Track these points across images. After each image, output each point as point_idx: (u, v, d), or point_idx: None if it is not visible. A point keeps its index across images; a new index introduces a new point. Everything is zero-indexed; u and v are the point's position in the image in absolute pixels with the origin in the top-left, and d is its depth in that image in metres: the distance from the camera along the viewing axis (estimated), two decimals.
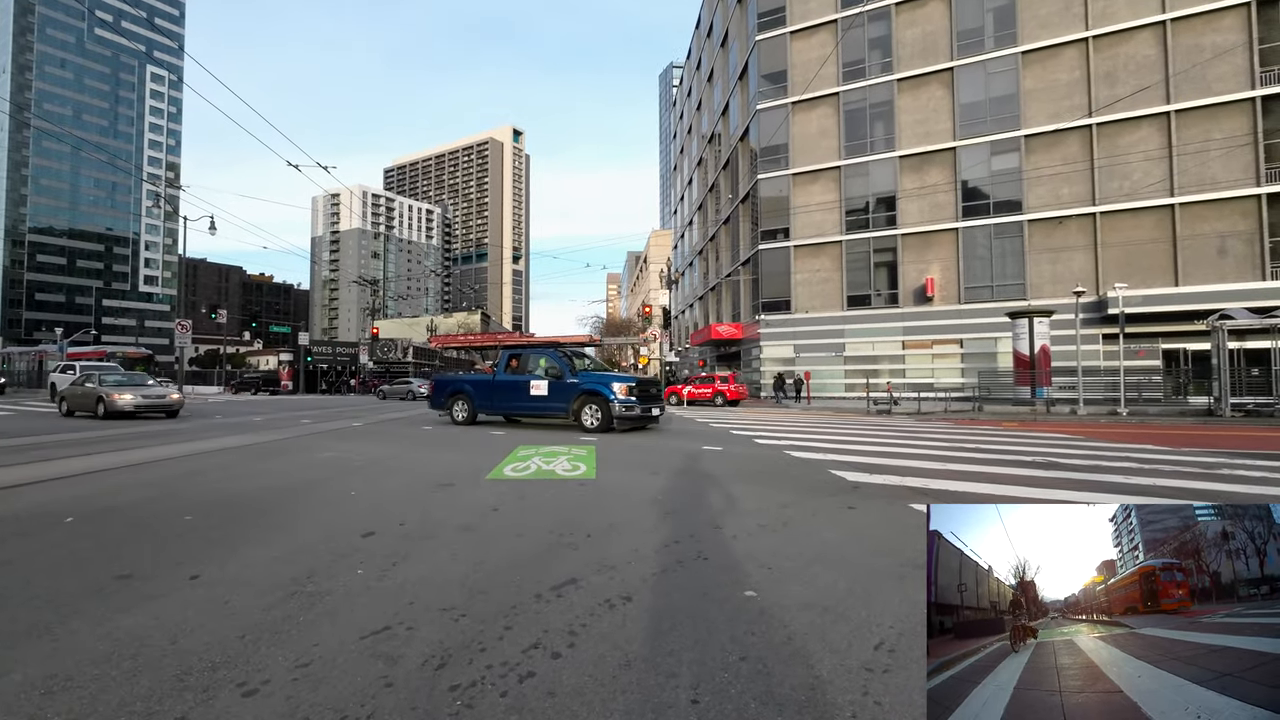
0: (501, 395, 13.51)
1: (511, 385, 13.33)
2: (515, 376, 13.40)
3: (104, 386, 15.82)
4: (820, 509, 5.11)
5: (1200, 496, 5.97)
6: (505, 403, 13.52)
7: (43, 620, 2.70)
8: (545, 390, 12.80)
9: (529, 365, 13.44)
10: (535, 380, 12.93)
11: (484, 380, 14.12)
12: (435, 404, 14.86)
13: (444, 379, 15.25)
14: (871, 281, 30.26)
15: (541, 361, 13.34)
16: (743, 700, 2.04)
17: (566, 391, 12.57)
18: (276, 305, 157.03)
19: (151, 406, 15.69)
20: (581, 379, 12.55)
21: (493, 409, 13.77)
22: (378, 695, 2.06)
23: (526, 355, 13.67)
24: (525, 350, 13.91)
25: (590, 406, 12.18)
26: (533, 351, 13.78)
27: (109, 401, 15.09)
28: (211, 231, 30.55)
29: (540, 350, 13.84)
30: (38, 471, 6.85)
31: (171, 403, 16.12)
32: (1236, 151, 23.63)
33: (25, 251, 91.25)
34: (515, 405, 13.38)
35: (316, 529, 4.35)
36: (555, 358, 13.17)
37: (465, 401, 13.98)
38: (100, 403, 15.31)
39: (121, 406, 15.14)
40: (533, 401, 12.99)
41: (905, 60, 29.54)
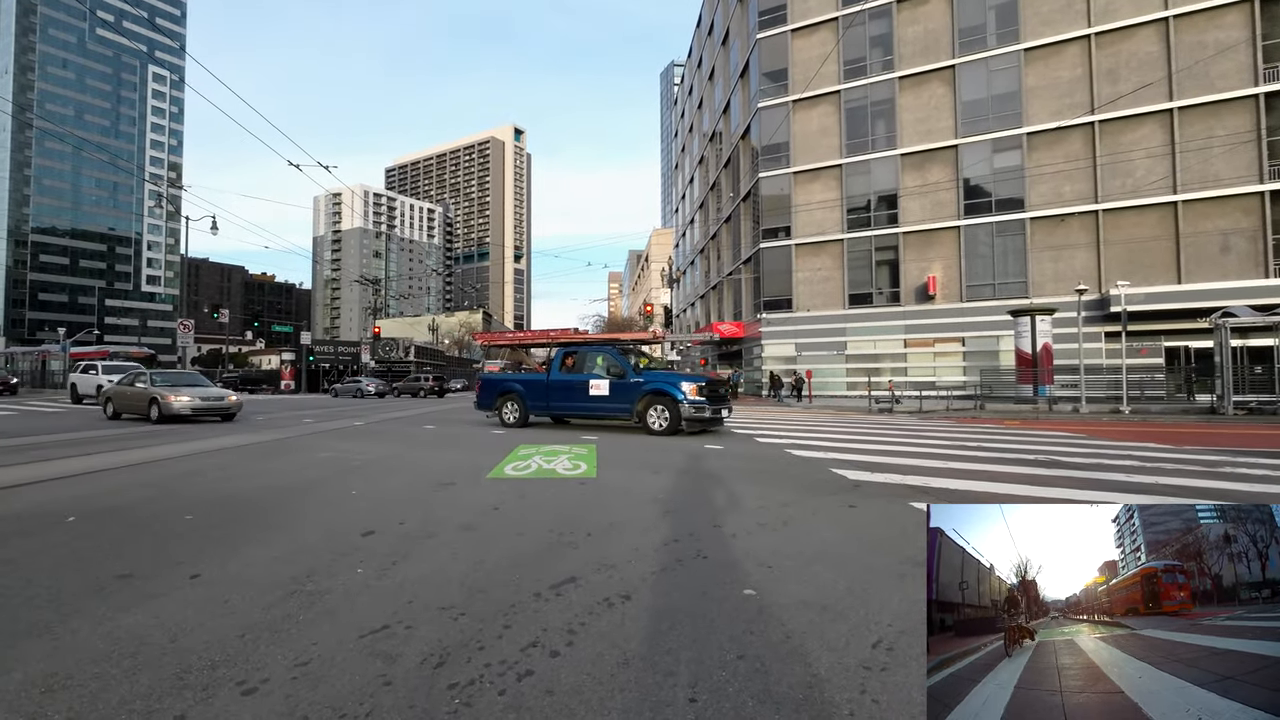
0: (557, 396, 12.80)
1: (568, 385, 12.65)
2: (571, 376, 12.71)
3: (157, 387, 14.64)
4: (821, 508, 5.11)
5: (1203, 495, 5.96)
6: (561, 403, 12.81)
7: (43, 619, 2.71)
8: (606, 390, 12.09)
9: (586, 364, 12.74)
10: (594, 380, 12.24)
11: (537, 380, 13.35)
12: (482, 405, 14.14)
13: (492, 378, 14.48)
14: (873, 280, 30.21)
15: (599, 360, 12.64)
16: (740, 699, 2.04)
17: (630, 392, 11.84)
18: (278, 305, 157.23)
19: (209, 410, 14.53)
20: (646, 378, 11.82)
21: (547, 410, 13.06)
22: (376, 694, 2.06)
23: (583, 353, 13.01)
24: (582, 347, 13.27)
25: (657, 408, 11.44)
26: (590, 349, 13.16)
27: (164, 404, 13.91)
28: (213, 231, 30.57)
29: (598, 347, 13.21)
30: (38, 471, 6.87)
31: (230, 405, 14.98)
32: (1240, 148, 23.54)
33: (28, 251, 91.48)
34: (572, 406, 12.66)
35: (317, 528, 4.35)
36: (615, 356, 12.46)
37: (516, 402, 13.26)
38: (154, 405, 14.16)
39: (178, 410, 13.92)
40: (592, 402, 12.29)
41: (907, 58, 29.47)
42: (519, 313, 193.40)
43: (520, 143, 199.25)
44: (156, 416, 14.07)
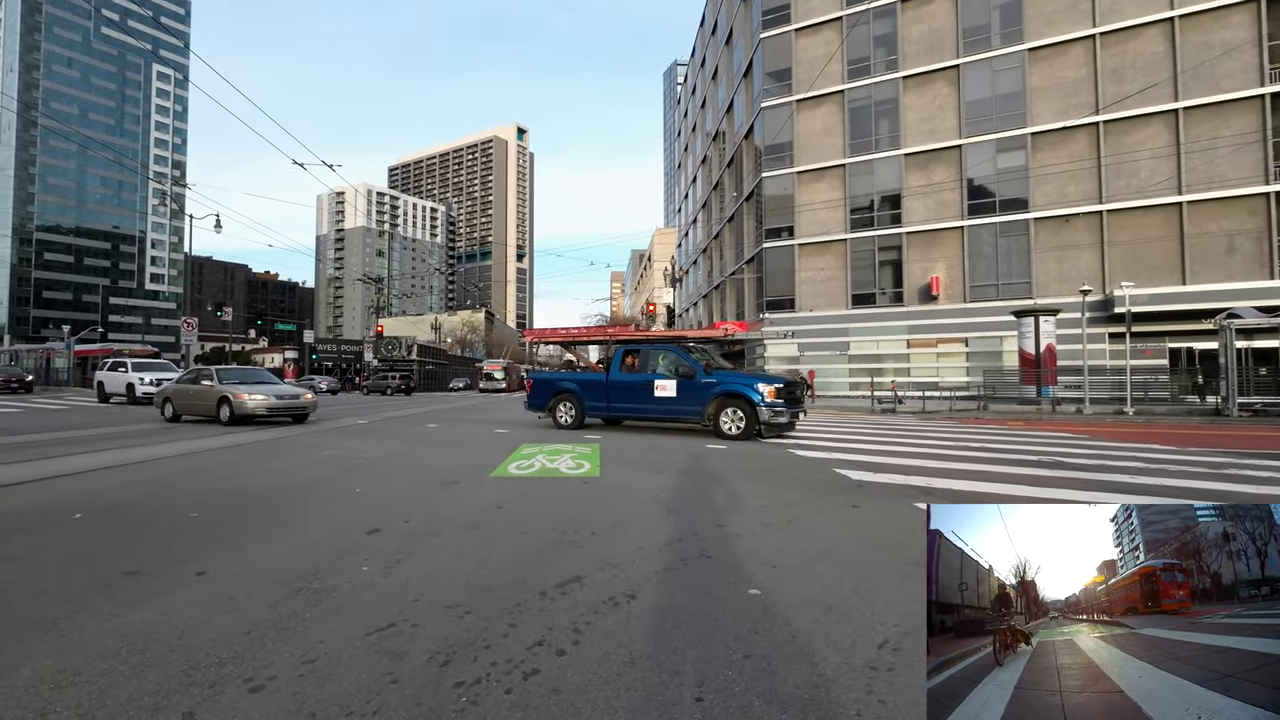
0: (619, 397, 12.12)
1: (630, 386, 11.98)
2: (634, 376, 12.02)
3: (225, 384, 13.28)
4: (824, 508, 5.11)
5: (1207, 497, 5.94)
6: (622, 405, 12.13)
7: (51, 615, 2.72)
8: (673, 391, 11.41)
9: (650, 363, 12.06)
10: (661, 380, 11.54)
11: (594, 380, 12.72)
12: (534, 405, 13.40)
13: (545, 377, 13.77)
14: (876, 280, 30.17)
15: (661, 359, 11.97)
16: (747, 698, 2.04)
17: (700, 393, 11.12)
18: (281, 303, 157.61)
19: (286, 409, 13.22)
20: (719, 379, 11.08)
21: (607, 412, 12.42)
22: (383, 692, 2.07)
23: (647, 351, 12.30)
24: (645, 345, 12.53)
25: (731, 411, 10.71)
26: (654, 347, 12.42)
27: (236, 404, 12.62)
28: (217, 230, 30.64)
29: (662, 346, 12.50)
30: (44, 469, 6.90)
31: (306, 404, 13.68)
32: (1245, 149, 23.46)
33: (33, 250, 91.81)
34: (634, 408, 12.00)
35: (321, 526, 4.37)
36: (683, 354, 11.77)
37: (572, 403, 12.63)
38: (224, 405, 12.85)
39: (252, 409, 12.67)
40: (657, 404, 11.62)
41: (910, 58, 29.42)
42: (521, 312, 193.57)
43: (523, 142, 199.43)
44: (228, 418, 12.72)
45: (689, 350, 12.10)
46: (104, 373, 22.92)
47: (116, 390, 21.93)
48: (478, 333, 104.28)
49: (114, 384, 22.20)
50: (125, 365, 22.29)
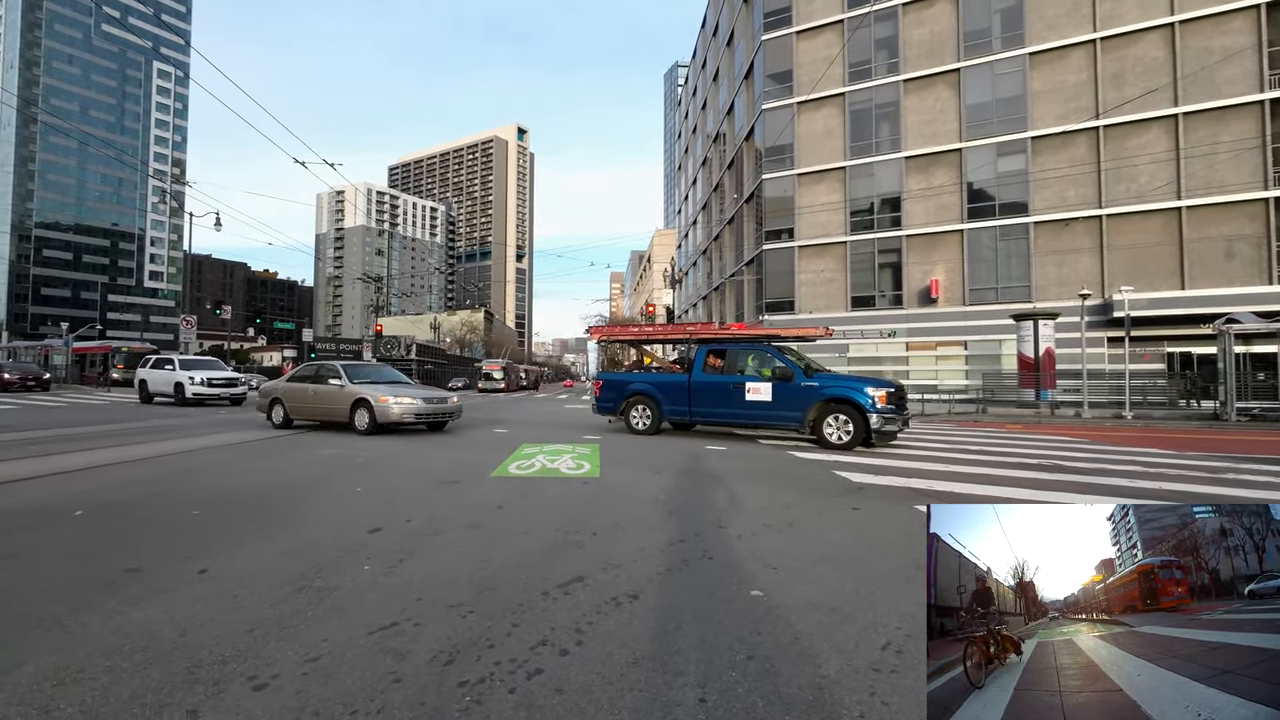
0: (703, 400, 11.24)
1: (716, 388, 11.07)
2: (720, 378, 11.14)
3: (359, 384, 11.33)
4: (825, 509, 5.12)
5: (1205, 501, 5.92)
6: (707, 409, 11.24)
7: (53, 613, 2.72)
8: (768, 395, 10.47)
9: (739, 363, 11.16)
10: (753, 383, 10.61)
11: (674, 381, 11.71)
12: (604, 408, 12.45)
13: (616, 378, 12.73)
14: (876, 283, 30.19)
15: (752, 359, 11.08)
16: (750, 699, 2.05)
17: (800, 397, 10.16)
18: (281, 302, 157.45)
19: (435, 415, 11.25)
20: (821, 382, 10.18)
21: (688, 417, 11.47)
22: (387, 690, 2.08)
23: (735, 351, 11.39)
24: (732, 344, 11.68)
25: (838, 418, 9.76)
26: (744, 346, 11.51)
27: (379, 408, 10.60)
28: (217, 228, 30.62)
29: (752, 344, 11.60)
30: (44, 466, 6.89)
31: (453, 409, 11.77)
32: (1245, 154, 23.50)
33: (32, 246, 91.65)
34: (721, 413, 11.11)
35: (323, 525, 4.37)
36: (777, 354, 10.81)
37: (648, 406, 11.79)
38: (362, 410, 10.85)
39: (399, 416, 10.67)
40: (749, 409, 10.69)
41: (912, 61, 29.45)
42: (520, 312, 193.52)
43: (523, 142, 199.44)
44: (366, 426, 10.74)
45: (782, 349, 11.19)
46: (147, 370, 21.11)
47: (162, 390, 20.28)
48: (477, 332, 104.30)
49: (159, 383, 20.49)
50: (172, 363, 20.52)
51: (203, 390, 19.28)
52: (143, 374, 21.14)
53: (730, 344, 11.84)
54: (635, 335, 14.45)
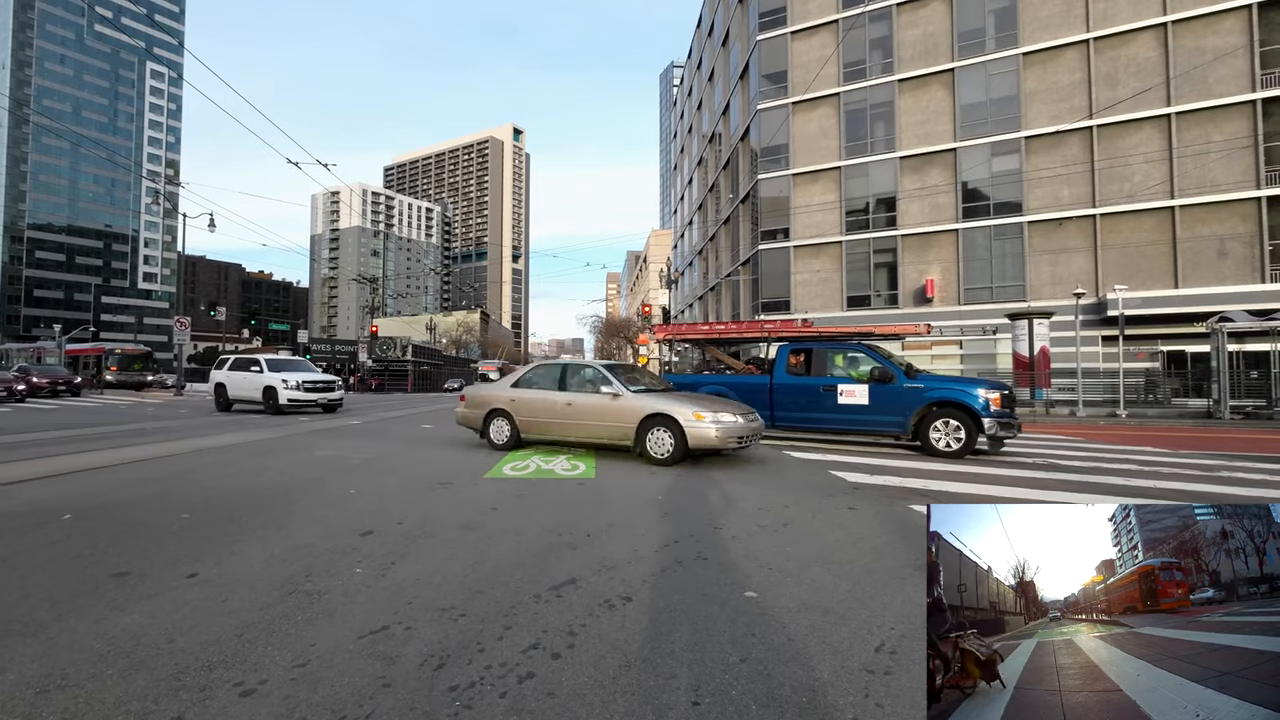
0: (788, 404, 10.36)
1: (803, 391, 10.21)
2: (807, 379, 10.26)
3: (635, 391, 8.24)
4: (820, 510, 5.11)
5: (1200, 499, 5.96)
6: (794, 414, 10.34)
7: (39, 618, 2.69)
8: (864, 398, 9.59)
9: (829, 364, 10.28)
10: (846, 385, 9.77)
11: (752, 384, 10.84)
12: None
13: (685, 380, 11.58)
14: (871, 282, 30.25)
15: (842, 358, 10.26)
16: (743, 702, 2.03)
17: (901, 400, 9.30)
18: (275, 303, 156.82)
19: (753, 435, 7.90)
20: (926, 384, 9.33)
21: (770, 422, 10.42)
22: (376, 695, 2.05)
23: (823, 351, 10.45)
24: (819, 344, 10.73)
25: (947, 423, 8.91)
26: (833, 345, 10.56)
27: (692, 431, 7.47)
28: (211, 229, 30.46)
29: (842, 344, 10.68)
30: (35, 469, 6.83)
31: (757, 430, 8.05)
32: (1237, 154, 23.62)
33: (24, 248, 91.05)
34: (810, 418, 10.17)
35: (314, 527, 4.33)
36: (872, 354, 9.99)
37: None
38: (659, 432, 7.70)
39: (718, 443, 7.48)
40: (841, 413, 9.81)
41: (906, 61, 29.52)
42: (517, 313, 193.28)
43: (519, 143, 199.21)
44: (669, 454, 7.55)
45: (876, 348, 10.35)
46: (224, 372, 18.51)
47: (245, 396, 17.75)
48: (473, 333, 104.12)
49: (242, 388, 17.81)
50: (258, 364, 17.83)
51: (298, 396, 16.91)
52: (220, 377, 18.61)
53: (817, 343, 10.86)
54: (704, 334, 13.05)
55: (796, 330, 12.11)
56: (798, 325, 13.42)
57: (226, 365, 18.72)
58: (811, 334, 11.73)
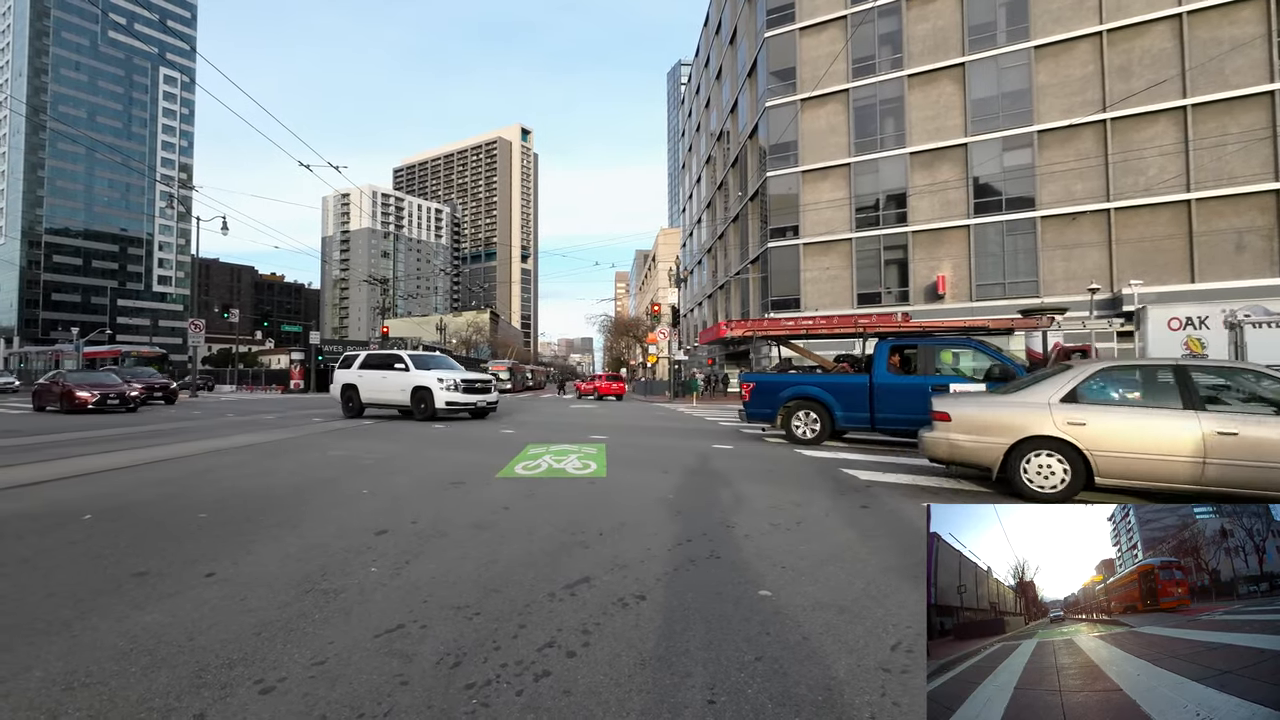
0: (891, 405, 9.44)
1: (908, 391, 9.28)
2: (913, 379, 9.42)
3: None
4: (833, 508, 5.09)
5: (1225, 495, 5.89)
6: (897, 415, 9.40)
7: (62, 616, 2.73)
8: None
9: (935, 362, 9.56)
10: (960, 384, 8.97)
11: (850, 384, 9.91)
12: (756, 414, 10.71)
13: (772, 380, 10.83)
14: (882, 279, 30.07)
15: (951, 356, 9.57)
16: (759, 700, 2.03)
17: None
18: (288, 304, 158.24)
19: None
20: None
21: (870, 425, 9.65)
22: (394, 693, 2.07)
23: (929, 348, 9.70)
24: (924, 340, 9.93)
25: None
26: (943, 342, 9.82)
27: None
28: (224, 232, 30.81)
29: (951, 340, 9.91)
30: (54, 469, 6.94)
31: None
32: (1255, 146, 23.27)
33: (42, 252, 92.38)
34: (918, 420, 8.78)
35: (329, 527, 4.37)
36: (989, 351, 9.20)
37: (816, 412, 10.05)
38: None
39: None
40: None
41: (916, 56, 29.31)
42: (526, 312, 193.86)
43: (527, 143, 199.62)
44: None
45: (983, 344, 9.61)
46: (355, 372, 15.98)
47: (384, 399, 15.48)
48: (483, 333, 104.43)
49: (380, 390, 15.42)
50: (403, 361, 15.27)
51: (458, 399, 14.39)
52: (347, 377, 16.04)
53: (923, 339, 10.03)
54: (789, 330, 11.92)
55: (896, 325, 11.01)
56: (897, 319, 12.32)
57: (357, 363, 16.10)
58: (914, 329, 10.77)
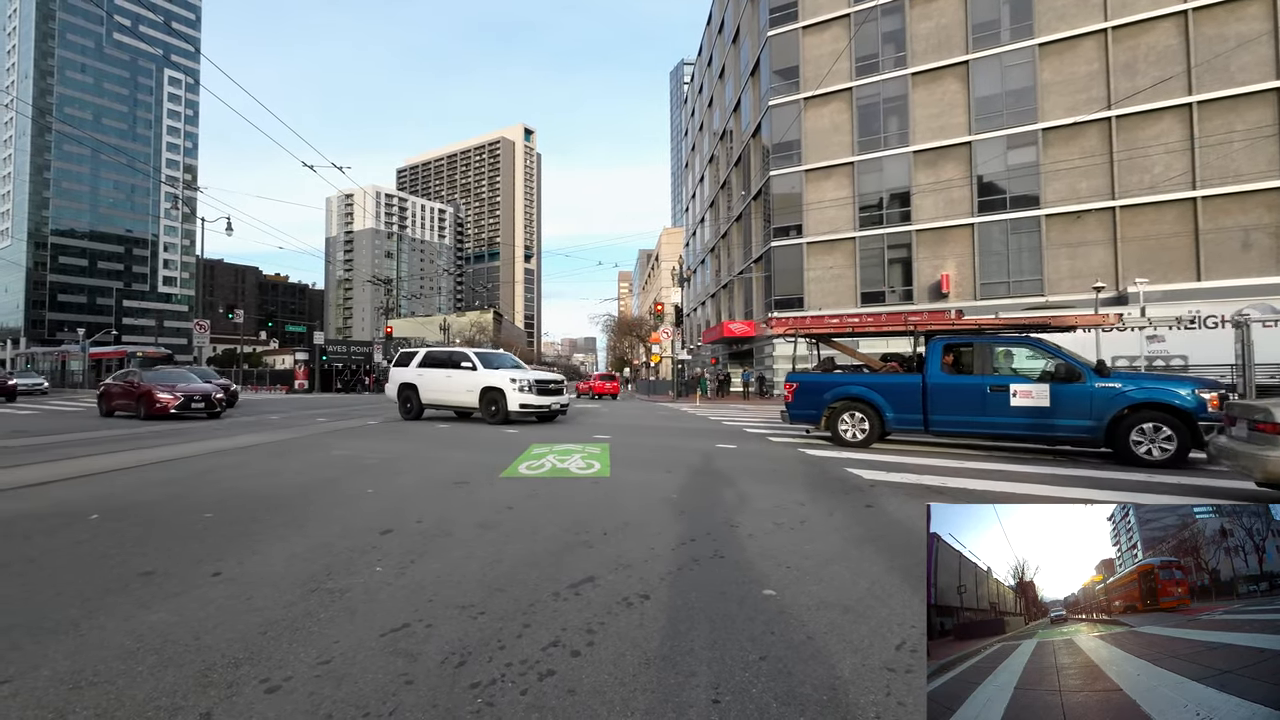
0: (946, 405, 9.06)
1: (966, 391, 8.90)
2: (970, 379, 8.99)
3: None
4: (837, 508, 5.08)
5: (1231, 495, 5.89)
6: (952, 416, 9.02)
7: (70, 616, 2.75)
8: (1044, 399, 8.33)
9: (993, 361, 9.07)
10: (1021, 384, 8.51)
11: (901, 383, 9.53)
12: (800, 415, 10.35)
13: (817, 380, 10.43)
14: (885, 278, 30.01)
15: (1008, 355, 9.18)
16: (764, 700, 2.03)
17: (1092, 402, 8.04)
18: (292, 305, 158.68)
19: None
20: (1124, 383, 8.02)
21: (922, 426, 9.27)
22: (399, 693, 2.08)
23: (985, 346, 9.18)
24: (980, 338, 9.42)
25: (1155, 428, 7.59)
26: (999, 340, 9.31)
27: None
28: (228, 233, 30.91)
29: (1008, 339, 9.41)
30: (60, 470, 6.97)
31: None
32: (1261, 143, 23.13)
33: (48, 254, 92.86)
34: (975, 421, 8.83)
35: (334, 526, 4.39)
36: (1052, 349, 8.71)
37: (863, 413, 9.64)
38: None
39: None
40: (1015, 417, 8.51)
41: (919, 54, 29.23)
42: (529, 312, 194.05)
43: (530, 142, 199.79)
44: None
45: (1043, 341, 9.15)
46: (413, 370, 15.02)
47: (448, 400, 14.51)
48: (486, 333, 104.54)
49: (443, 390, 14.47)
50: (469, 359, 14.32)
51: (532, 401, 13.31)
52: (405, 375, 14.99)
53: (978, 338, 9.53)
54: (834, 329, 11.41)
55: (949, 322, 10.58)
56: (950, 316, 11.76)
57: (415, 361, 15.04)
58: (968, 326, 10.27)
